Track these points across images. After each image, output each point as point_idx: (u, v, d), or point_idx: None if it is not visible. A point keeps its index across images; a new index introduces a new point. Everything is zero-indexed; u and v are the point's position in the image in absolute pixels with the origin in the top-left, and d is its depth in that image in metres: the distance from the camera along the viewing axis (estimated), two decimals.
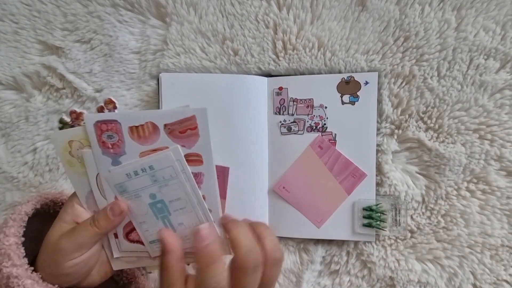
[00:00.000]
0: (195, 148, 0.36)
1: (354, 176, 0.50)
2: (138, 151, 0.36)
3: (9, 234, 0.37)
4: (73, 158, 0.37)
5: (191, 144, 0.36)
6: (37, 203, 0.42)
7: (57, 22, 0.53)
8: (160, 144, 0.36)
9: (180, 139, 0.36)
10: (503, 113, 0.48)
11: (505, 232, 0.49)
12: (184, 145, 0.36)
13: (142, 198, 0.38)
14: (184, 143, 0.36)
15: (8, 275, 0.35)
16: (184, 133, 0.36)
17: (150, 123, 0.35)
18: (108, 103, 0.38)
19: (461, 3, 0.48)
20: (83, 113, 0.38)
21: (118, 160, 0.37)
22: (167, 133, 0.36)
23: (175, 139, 0.36)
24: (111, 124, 0.36)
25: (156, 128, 0.35)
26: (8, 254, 0.36)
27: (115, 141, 0.36)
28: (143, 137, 0.36)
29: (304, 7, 0.51)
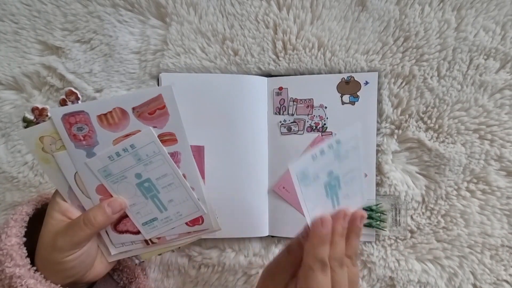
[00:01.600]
0: (167, 127, 0.36)
1: None
2: (111, 139, 0.36)
3: (10, 234, 0.37)
4: (48, 154, 0.37)
5: (163, 124, 0.36)
6: (37, 204, 0.42)
7: (57, 22, 0.53)
8: (132, 128, 0.36)
9: (150, 120, 0.36)
10: (503, 113, 0.48)
11: (505, 232, 0.49)
12: (156, 126, 0.36)
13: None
14: (155, 124, 0.36)
15: (11, 275, 0.35)
16: (153, 114, 0.35)
17: (118, 109, 0.35)
18: (69, 95, 0.37)
19: (461, 3, 0.48)
20: (46, 108, 0.37)
21: (92, 151, 0.36)
22: (137, 117, 0.35)
23: (145, 121, 0.36)
24: (79, 116, 0.35)
25: (124, 113, 0.35)
26: (10, 255, 0.36)
27: (85, 132, 0.36)
28: (113, 124, 0.35)
29: (304, 7, 0.51)
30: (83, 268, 0.39)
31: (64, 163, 0.37)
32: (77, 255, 0.37)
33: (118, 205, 0.38)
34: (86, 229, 0.37)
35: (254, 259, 0.53)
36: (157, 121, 0.36)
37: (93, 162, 0.37)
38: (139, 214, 0.39)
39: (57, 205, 0.39)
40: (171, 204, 0.39)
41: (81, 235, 0.37)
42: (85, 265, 0.39)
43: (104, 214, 0.37)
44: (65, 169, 0.38)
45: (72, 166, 0.37)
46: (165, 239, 0.41)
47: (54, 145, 0.36)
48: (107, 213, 0.37)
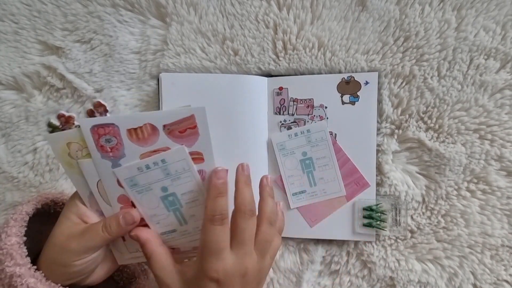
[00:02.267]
0: (196, 147, 0.37)
1: (357, 184, 0.50)
2: (138, 153, 0.36)
3: (10, 234, 0.37)
4: (73, 159, 0.37)
5: (191, 143, 0.36)
6: (37, 203, 0.42)
7: (57, 22, 0.53)
8: (160, 144, 0.36)
9: (180, 138, 0.36)
10: (503, 113, 0.48)
11: (505, 232, 0.49)
12: (185, 144, 0.36)
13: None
14: (184, 142, 0.36)
15: (11, 274, 0.35)
16: (184, 132, 0.36)
17: (149, 125, 0.35)
18: (98, 106, 0.38)
19: (461, 3, 0.48)
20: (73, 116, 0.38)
21: (118, 163, 0.37)
22: (167, 133, 0.36)
23: (175, 139, 0.36)
24: (108, 128, 0.35)
25: (155, 129, 0.35)
26: (10, 254, 0.36)
27: (113, 144, 0.36)
28: (142, 138, 0.36)
29: (304, 7, 0.51)
30: (86, 273, 0.39)
31: (88, 170, 0.38)
32: (86, 260, 0.37)
33: (131, 219, 0.38)
34: (103, 236, 0.37)
35: None
36: (186, 140, 0.36)
37: (121, 171, 0.37)
38: (158, 225, 0.40)
39: (75, 208, 0.39)
40: (192, 218, 0.40)
41: (97, 241, 0.37)
42: (89, 270, 0.39)
43: (119, 224, 0.38)
44: (88, 176, 0.38)
45: (96, 174, 0.38)
46: (179, 251, 0.42)
47: (81, 152, 0.37)
48: (121, 224, 0.38)
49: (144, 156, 0.36)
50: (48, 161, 0.54)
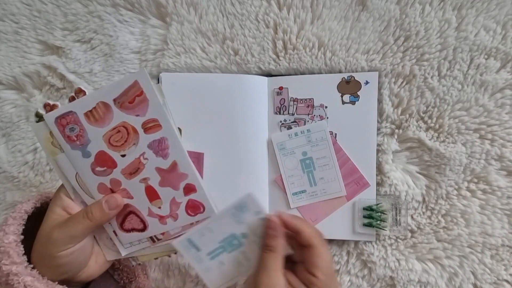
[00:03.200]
0: (149, 114, 0.36)
1: (358, 184, 0.50)
2: (100, 135, 0.37)
3: (8, 232, 0.37)
4: (56, 148, 0.38)
5: (144, 111, 0.36)
6: (37, 202, 0.42)
7: (58, 22, 0.53)
8: (116, 120, 0.36)
9: (132, 109, 0.36)
10: (504, 112, 0.48)
11: (505, 232, 0.49)
12: (138, 114, 0.36)
13: (296, 155, 0.45)
14: (137, 113, 0.36)
15: (7, 272, 0.35)
16: (133, 102, 0.36)
17: (101, 103, 0.35)
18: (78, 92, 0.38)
19: (462, 3, 0.48)
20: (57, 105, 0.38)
21: (87, 151, 0.37)
22: (119, 108, 0.36)
23: (128, 111, 0.36)
24: (69, 117, 0.36)
25: (107, 106, 0.36)
26: (7, 252, 0.36)
27: (77, 132, 0.36)
28: (99, 119, 0.36)
29: (305, 7, 0.51)
30: (77, 266, 0.39)
31: (63, 165, 0.38)
32: (71, 250, 0.37)
33: (114, 202, 0.38)
34: (84, 222, 0.37)
35: None
36: (138, 109, 0.36)
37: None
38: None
39: (59, 200, 0.39)
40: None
41: (78, 228, 0.37)
42: (78, 262, 0.39)
43: (101, 210, 0.38)
44: (65, 171, 0.38)
45: (72, 168, 0.38)
46: (169, 234, 0.41)
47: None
48: (104, 209, 0.38)
49: (106, 137, 0.37)
50: (48, 161, 0.54)
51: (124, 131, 0.37)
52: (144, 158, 0.38)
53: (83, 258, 0.39)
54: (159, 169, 0.38)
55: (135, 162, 0.38)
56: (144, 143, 0.37)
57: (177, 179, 0.39)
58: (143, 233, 0.41)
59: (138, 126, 0.37)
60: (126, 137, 0.37)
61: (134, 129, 0.37)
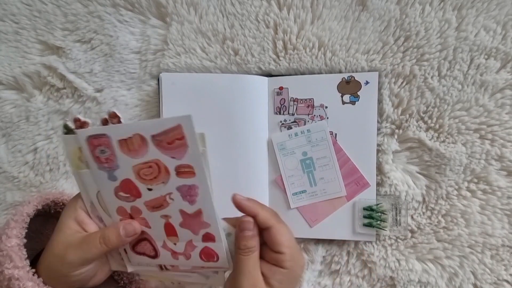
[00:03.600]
0: (186, 159, 0.35)
1: (358, 184, 0.50)
2: (131, 164, 0.35)
3: (11, 235, 0.37)
4: (82, 163, 0.37)
5: (181, 155, 0.35)
6: (38, 204, 0.42)
7: (58, 22, 0.53)
8: (150, 156, 0.35)
9: (168, 150, 0.34)
10: (504, 112, 0.48)
11: (505, 232, 0.49)
12: (174, 157, 0.35)
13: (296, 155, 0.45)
14: (173, 155, 0.35)
15: (9, 277, 0.35)
16: (172, 144, 0.34)
17: (138, 135, 0.34)
18: (112, 117, 0.38)
19: (462, 3, 0.48)
20: (88, 122, 0.38)
21: (114, 175, 0.36)
22: (155, 145, 0.34)
23: (164, 151, 0.34)
24: (101, 139, 0.35)
25: (144, 140, 0.34)
26: (10, 256, 0.36)
27: (107, 155, 0.35)
28: (132, 150, 0.35)
29: (305, 7, 0.51)
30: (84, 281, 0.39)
31: (86, 181, 0.38)
32: (84, 270, 0.37)
33: (132, 230, 0.37)
34: (100, 248, 0.37)
35: None
36: (176, 152, 0.34)
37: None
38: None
39: (74, 213, 0.38)
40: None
41: (94, 253, 0.36)
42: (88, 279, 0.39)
43: (118, 236, 0.37)
44: (87, 187, 0.38)
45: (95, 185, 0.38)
46: (178, 268, 0.41)
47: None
48: (121, 235, 0.37)
49: (136, 169, 0.36)
50: (48, 161, 0.54)
51: (156, 168, 0.36)
52: (170, 197, 0.37)
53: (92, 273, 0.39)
54: (182, 211, 0.37)
55: (160, 198, 0.37)
56: (174, 185, 0.36)
57: (199, 226, 0.38)
58: (153, 260, 0.41)
59: (171, 168, 0.35)
60: (156, 174, 0.36)
61: (167, 169, 0.35)
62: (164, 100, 0.51)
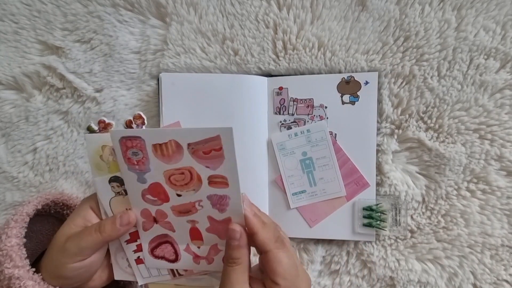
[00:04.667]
0: (220, 170, 0.35)
1: (357, 184, 0.50)
2: (162, 169, 0.35)
3: (11, 235, 0.37)
4: (102, 162, 0.38)
5: (216, 166, 0.34)
6: (38, 204, 0.42)
7: (57, 22, 0.53)
8: (184, 163, 0.35)
9: (204, 159, 0.34)
10: (503, 113, 0.48)
11: (505, 232, 0.49)
12: (209, 166, 0.35)
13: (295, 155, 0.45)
14: (208, 164, 0.34)
15: (10, 276, 0.35)
16: (208, 154, 0.34)
17: (173, 142, 0.34)
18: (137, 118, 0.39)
19: (461, 3, 0.48)
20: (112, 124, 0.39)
21: (144, 177, 0.36)
22: (191, 153, 0.34)
23: (199, 160, 0.34)
24: (135, 141, 0.35)
25: (179, 147, 0.34)
26: (10, 255, 0.36)
27: (139, 158, 0.35)
28: (166, 155, 0.35)
29: (304, 7, 0.51)
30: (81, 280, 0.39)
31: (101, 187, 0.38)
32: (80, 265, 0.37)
33: (126, 218, 0.38)
34: (94, 236, 0.37)
35: (254, 259, 0.53)
36: (211, 162, 0.34)
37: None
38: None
39: (84, 212, 0.39)
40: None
41: (88, 240, 0.36)
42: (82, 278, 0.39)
43: (113, 225, 0.37)
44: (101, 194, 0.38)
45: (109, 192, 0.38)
46: (192, 272, 0.41)
47: (112, 157, 0.38)
48: (116, 224, 0.37)
49: (167, 173, 0.36)
50: (48, 161, 0.54)
51: (188, 175, 0.35)
52: (199, 205, 0.37)
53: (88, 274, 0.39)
54: (211, 218, 0.37)
55: (188, 204, 0.37)
56: (205, 193, 0.36)
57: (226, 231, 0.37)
58: (171, 264, 0.41)
59: (204, 176, 0.35)
60: (188, 181, 0.36)
61: (199, 178, 0.35)
62: (163, 100, 0.51)
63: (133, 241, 0.40)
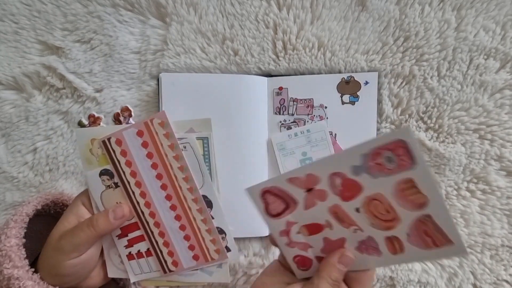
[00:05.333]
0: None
1: None
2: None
3: (10, 235, 0.37)
4: (92, 156, 0.39)
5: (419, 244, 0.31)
6: (38, 204, 0.42)
7: (57, 22, 0.53)
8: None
9: (419, 238, 0.31)
10: (503, 113, 0.48)
11: (505, 232, 0.49)
12: (417, 245, 0.31)
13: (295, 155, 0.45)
14: (418, 243, 0.31)
15: (9, 276, 0.35)
16: (427, 236, 0.30)
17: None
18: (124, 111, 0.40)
19: (461, 3, 0.48)
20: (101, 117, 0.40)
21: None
22: (418, 220, 0.30)
23: (416, 233, 0.31)
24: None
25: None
26: (9, 256, 0.36)
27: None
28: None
29: (304, 7, 0.51)
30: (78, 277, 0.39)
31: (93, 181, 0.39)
32: (76, 262, 0.37)
33: (120, 212, 0.38)
34: (87, 231, 0.37)
35: (254, 259, 0.53)
36: (422, 241, 0.31)
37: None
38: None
39: (76, 208, 0.39)
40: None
41: (81, 236, 0.36)
42: (80, 275, 0.39)
43: (106, 219, 0.37)
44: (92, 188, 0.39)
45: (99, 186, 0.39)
46: (182, 267, 0.41)
47: (101, 150, 0.39)
48: (109, 218, 0.37)
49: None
50: (48, 161, 0.54)
51: (381, 206, 0.31)
52: (354, 231, 0.33)
53: (85, 271, 0.39)
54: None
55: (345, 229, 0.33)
56: (379, 237, 0.32)
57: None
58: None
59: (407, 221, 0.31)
60: (387, 215, 0.31)
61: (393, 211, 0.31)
62: (163, 100, 0.51)
63: (124, 236, 0.41)
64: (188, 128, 0.39)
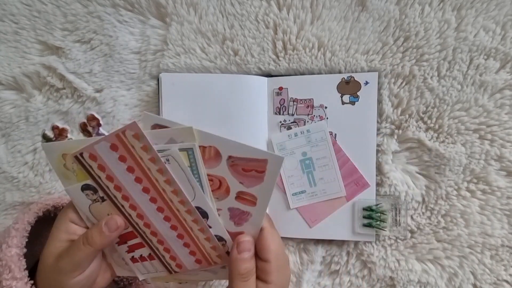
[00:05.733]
0: (253, 190, 0.34)
1: (357, 184, 0.50)
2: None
3: (11, 245, 0.37)
4: (68, 171, 0.36)
5: (251, 185, 0.34)
6: (39, 211, 0.42)
7: (57, 22, 0.53)
8: (217, 172, 0.34)
9: (240, 175, 0.34)
10: (503, 113, 0.48)
11: (505, 232, 0.49)
12: (242, 183, 0.34)
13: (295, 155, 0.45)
14: (243, 181, 0.34)
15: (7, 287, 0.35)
16: (247, 172, 0.34)
17: (214, 149, 0.33)
18: (90, 120, 0.37)
19: (461, 3, 0.48)
20: (67, 129, 0.37)
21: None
22: (229, 165, 0.34)
23: (235, 174, 0.34)
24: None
25: (218, 155, 0.33)
26: (9, 266, 0.35)
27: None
28: (205, 158, 0.34)
29: (304, 7, 0.51)
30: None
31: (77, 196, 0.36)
32: (80, 279, 0.36)
33: (114, 224, 0.36)
34: (85, 249, 0.35)
35: None
36: (246, 179, 0.34)
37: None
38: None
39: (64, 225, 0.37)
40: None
41: (80, 255, 0.35)
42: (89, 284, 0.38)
43: (101, 233, 0.36)
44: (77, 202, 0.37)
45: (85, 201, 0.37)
46: (186, 268, 0.41)
47: (76, 164, 0.35)
48: (104, 232, 0.36)
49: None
50: (48, 161, 0.54)
51: (217, 183, 0.35)
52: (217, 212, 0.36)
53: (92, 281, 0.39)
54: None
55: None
56: (227, 204, 0.36)
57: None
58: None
59: (233, 190, 0.35)
60: (214, 189, 0.35)
61: (228, 189, 0.35)
62: (163, 100, 0.51)
63: (124, 243, 0.39)
64: (168, 139, 0.34)
